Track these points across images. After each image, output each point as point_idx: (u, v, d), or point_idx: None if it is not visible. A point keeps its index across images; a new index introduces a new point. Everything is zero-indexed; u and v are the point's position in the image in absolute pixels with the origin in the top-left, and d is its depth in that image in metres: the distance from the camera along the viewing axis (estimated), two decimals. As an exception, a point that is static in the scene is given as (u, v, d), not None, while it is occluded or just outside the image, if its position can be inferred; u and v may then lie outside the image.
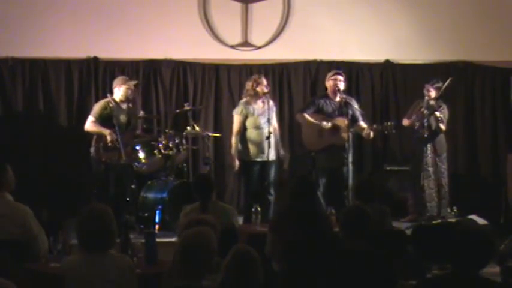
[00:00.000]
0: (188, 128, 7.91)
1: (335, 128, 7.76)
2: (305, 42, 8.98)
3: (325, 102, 7.90)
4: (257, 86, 7.61)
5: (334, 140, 7.77)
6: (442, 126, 8.07)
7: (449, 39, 9.11)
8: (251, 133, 7.61)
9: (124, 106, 7.50)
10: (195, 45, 8.82)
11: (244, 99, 7.71)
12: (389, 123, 7.84)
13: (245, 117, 7.62)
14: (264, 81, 7.69)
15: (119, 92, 7.47)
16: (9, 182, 5.17)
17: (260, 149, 7.53)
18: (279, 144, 7.79)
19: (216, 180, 8.47)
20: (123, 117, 7.44)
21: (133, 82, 7.71)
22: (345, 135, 7.73)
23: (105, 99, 7.50)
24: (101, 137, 7.33)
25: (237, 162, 7.66)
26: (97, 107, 7.46)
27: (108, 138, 7.23)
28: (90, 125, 7.43)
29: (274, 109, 7.79)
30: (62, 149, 8.37)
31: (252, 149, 7.58)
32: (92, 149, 7.40)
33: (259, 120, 7.56)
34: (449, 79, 8.11)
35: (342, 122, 7.75)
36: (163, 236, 6.15)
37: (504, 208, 8.38)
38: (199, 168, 8.64)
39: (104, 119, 7.35)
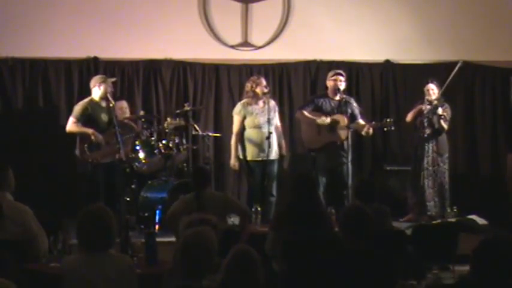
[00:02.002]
0: (168, 119, 7.84)
1: (334, 125, 7.76)
2: (305, 42, 8.98)
3: (324, 101, 7.90)
4: (256, 87, 7.60)
5: (333, 138, 7.76)
6: (444, 125, 8.05)
7: (449, 39, 9.11)
8: (250, 133, 7.61)
9: (104, 105, 7.32)
10: (195, 45, 8.82)
11: (244, 100, 7.71)
12: (388, 120, 7.86)
13: (244, 117, 7.62)
14: (263, 82, 7.69)
15: (99, 91, 7.31)
16: (9, 182, 5.19)
17: (260, 149, 7.53)
18: (283, 143, 7.80)
19: (216, 180, 8.49)
20: (104, 116, 7.29)
21: (112, 79, 7.58)
22: (343, 132, 7.73)
23: (85, 100, 7.39)
24: (84, 137, 7.21)
25: (236, 162, 7.66)
26: (78, 108, 7.31)
27: (93, 137, 7.18)
28: (71, 126, 7.29)
29: (276, 109, 7.78)
30: (62, 149, 8.35)
31: (252, 148, 7.58)
32: (77, 151, 7.27)
33: (258, 120, 7.56)
34: (460, 63, 8.08)
35: (341, 119, 7.75)
36: (163, 236, 6.15)
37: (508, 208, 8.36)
38: (199, 168, 8.63)
39: (85, 120, 7.25)
